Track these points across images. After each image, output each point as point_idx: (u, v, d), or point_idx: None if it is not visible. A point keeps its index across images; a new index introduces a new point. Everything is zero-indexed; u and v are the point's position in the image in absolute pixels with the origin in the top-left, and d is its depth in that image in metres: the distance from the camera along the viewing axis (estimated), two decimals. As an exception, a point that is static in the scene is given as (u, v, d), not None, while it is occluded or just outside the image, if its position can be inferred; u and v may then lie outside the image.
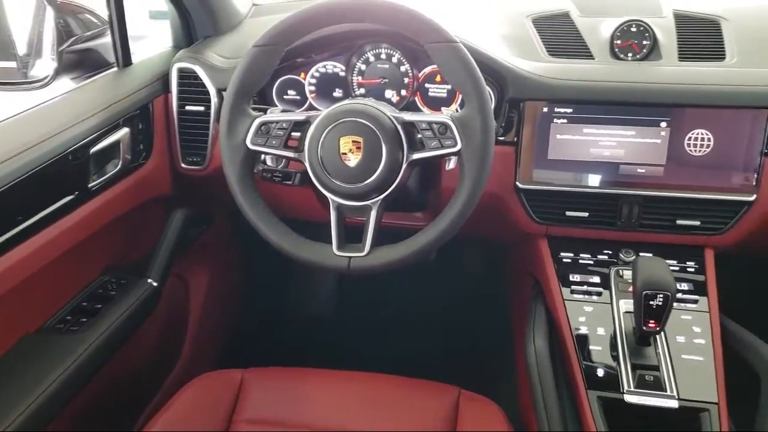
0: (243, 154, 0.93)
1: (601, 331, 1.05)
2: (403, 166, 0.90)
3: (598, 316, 1.07)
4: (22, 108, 1.00)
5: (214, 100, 1.20)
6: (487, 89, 0.90)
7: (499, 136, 1.12)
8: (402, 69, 1.18)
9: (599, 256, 1.15)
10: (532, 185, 1.13)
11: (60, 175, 1.01)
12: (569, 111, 1.09)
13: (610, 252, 1.15)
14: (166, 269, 1.23)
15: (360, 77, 1.20)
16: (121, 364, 1.20)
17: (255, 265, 1.82)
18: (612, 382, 0.99)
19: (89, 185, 1.07)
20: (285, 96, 1.23)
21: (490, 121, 0.88)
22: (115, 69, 1.21)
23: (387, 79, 1.19)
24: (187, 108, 1.22)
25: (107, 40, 1.20)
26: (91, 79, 1.16)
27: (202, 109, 1.21)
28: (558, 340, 1.08)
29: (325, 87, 1.22)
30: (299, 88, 1.22)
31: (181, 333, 1.50)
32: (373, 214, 0.92)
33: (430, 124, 0.90)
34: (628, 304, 1.06)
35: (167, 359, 1.45)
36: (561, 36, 1.20)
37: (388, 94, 1.20)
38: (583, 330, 1.06)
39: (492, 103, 1.07)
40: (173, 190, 1.31)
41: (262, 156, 0.99)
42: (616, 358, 1.01)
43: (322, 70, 1.21)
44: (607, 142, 1.09)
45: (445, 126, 0.89)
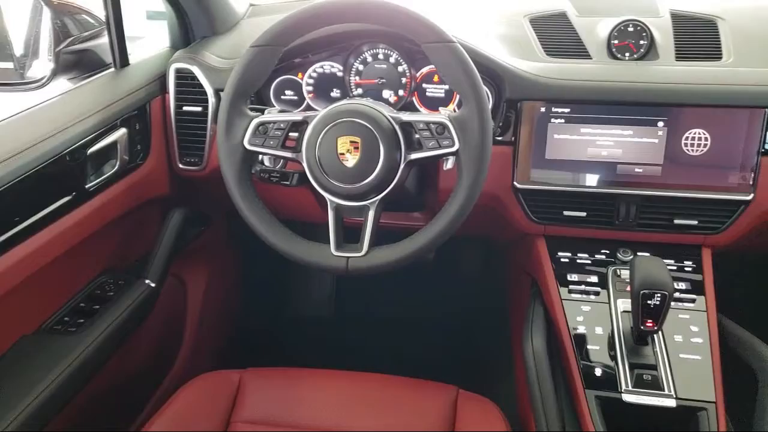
0: (240, 154, 0.93)
1: (599, 330, 1.05)
2: (401, 166, 0.90)
3: (595, 316, 1.07)
4: (19, 109, 1.00)
5: (211, 100, 1.20)
6: (485, 89, 0.90)
7: (497, 136, 1.12)
8: (399, 69, 1.18)
9: (597, 256, 1.15)
10: (529, 185, 1.13)
11: (57, 176, 1.00)
12: (567, 111, 1.09)
13: (607, 251, 1.16)
14: (164, 270, 1.23)
15: (357, 77, 1.20)
16: (120, 364, 1.20)
17: (253, 266, 1.82)
18: (610, 381, 0.99)
19: (87, 186, 1.07)
20: (282, 96, 1.23)
21: (488, 121, 0.88)
22: (112, 70, 1.21)
23: (384, 80, 1.19)
24: (185, 108, 1.22)
25: (104, 40, 1.19)
26: (89, 79, 1.16)
27: (199, 109, 1.21)
28: (556, 339, 1.08)
29: (323, 87, 1.22)
30: (297, 88, 1.22)
31: (179, 333, 1.50)
32: (371, 215, 0.92)
33: (428, 124, 0.90)
34: (625, 304, 1.07)
35: (165, 360, 1.45)
36: (558, 36, 1.20)
37: (386, 94, 1.20)
38: (581, 329, 1.06)
39: (489, 103, 1.08)
40: (171, 191, 1.31)
41: (260, 156, 0.99)
42: (613, 358, 1.01)
43: (320, 71, 1.21)
44: (605, 141, 1.09)
45: (442, 126, 0.89)
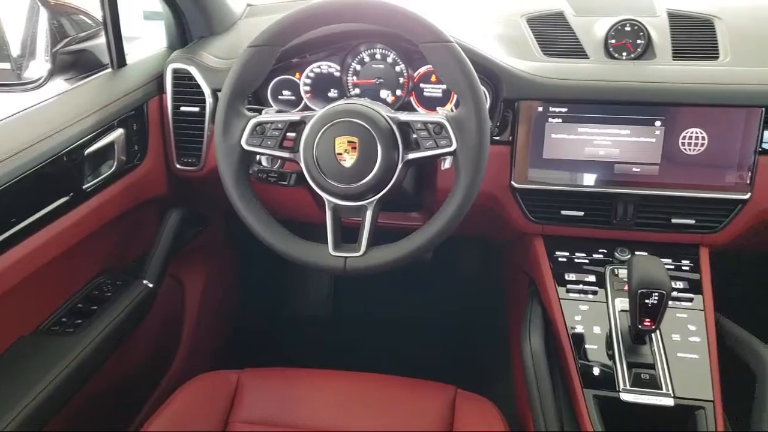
0: (238, 154, 0.93)
1: (597, 329, 1.06)
2: (399, 166, 0.90)
3: (593, 315, 1.07)
4: (16, 109, 1.00)
5: (209, 100, 1.20)
6: (482, 89, 0.90)
7: (495, 136, 1.12)
8: (397, 69, 1.18)
9: (595, 255, 1.15)
10: (527, 185, 1.13)
11: (55, 177, 1.00)
12: (564, 110, 1.09)
13: (605, 251, 1.16)
14: (162, 270, 1.23)
15: (355, 77, 1.20)
16: (118, 365, 1.20)
17: (250, 266, 1.82)
18: (608, 380, 0.99)
19: (84, 186, 1.07)
20: (280, 96, 1.23)
21: (486, 120, 0.88)
22: (109, 70, 1.21)
23: (382, 79, 1.19)
24: (182, 109, 1.22)
25: (101, 41, 1.19)
26: (86, 80, 1.16)
27: (197, 109, 1.21)
28: (554, 339, 1.09)
29: (320, 87, 1.22)
30: (294, 88, 1.22)
31: (177, 334, 1.49)
32: (368, 215, 0.92)
33: (426, 124, 0.90)
34: (623, 303, 1.07)
35: (163, 360, 1.45)
36: (556, 35, 1.20)
37: (383, 94, 1.20)
38: (579, 329, 1.06)
39: (487, 103, 1.08)
40: (168, 191, 1.30)
41: (257, 156, 0.99)
42: (611, 357, 1.01)
43: (317, 71, 1.21)
44: (602, 141, 1.09)
45: (440, 126, 0.89)
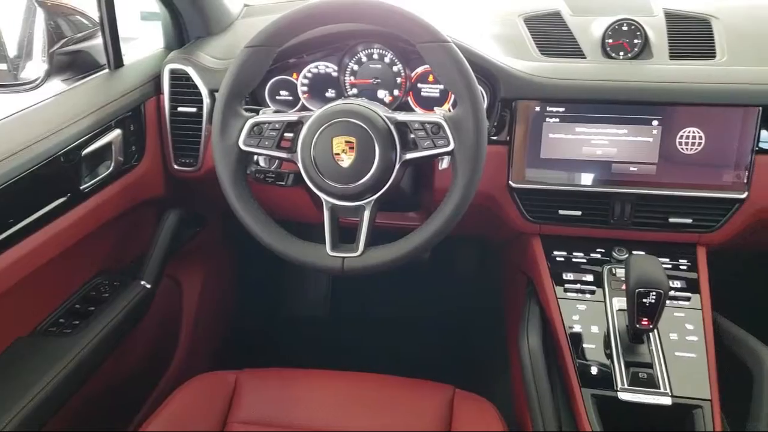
0: (236, 155, 0.93)
1: (595, 329, 1.06)
2: (396, 166, 0.90)
3: (591, 315, 1.07)
4: (13, 110, 1.00)
5: (206, 101, 1.20)
6: (480, 89, 0.90)
7: (492, 136, 1.12)
8: (394, 69, 1.18)
9: (592, 255, 1.16)
10: (525, 184, 1.13)
11: (52, 178, 1.00)
12: (561, 110, 1.09)
13: (603, 250, 1.16)
14: (160, 271, 1.23)
15: (352, 77, 1.20)
16: (115, 366, 1.20)
17: (248, 266, 1.82)
18: (606, 379, 0.99)
19: (81, 187, 1.07)
20: (277, 97, 1.23)
21: (483, 120, 0.88)
22: (106, 70, 1.20)
23: (379, 79, 1.19)
24: (180, 109, 1.22)
25: (98, 41, 1.19)
26: (83, 80, 1.16)
27: (194, 110, 1.21)
28: (552, 338, 1.09)
29: (318, 87, 1.22)
30: (292, 88, 1.22)
31: (175, 334, 1.49)
32: (366, 215, 0.92)
33: (423, 124, 0.90)
34: (621, 302, 1.07)
35: (161, 361, 1.45)
36: (553, 35, 1.20)
37: (381, 94, 1.20)
38: (577, 328, 1.06)
39: (484, 103, 1.08)
40: (166, 192, 1.30)
41: (255, 157, 0.99)
42: (609, 356, 1.01)
43: (315, 71, 1.21)
44: (600, 140, 1.10)
45: (437, 126, 0.89)
